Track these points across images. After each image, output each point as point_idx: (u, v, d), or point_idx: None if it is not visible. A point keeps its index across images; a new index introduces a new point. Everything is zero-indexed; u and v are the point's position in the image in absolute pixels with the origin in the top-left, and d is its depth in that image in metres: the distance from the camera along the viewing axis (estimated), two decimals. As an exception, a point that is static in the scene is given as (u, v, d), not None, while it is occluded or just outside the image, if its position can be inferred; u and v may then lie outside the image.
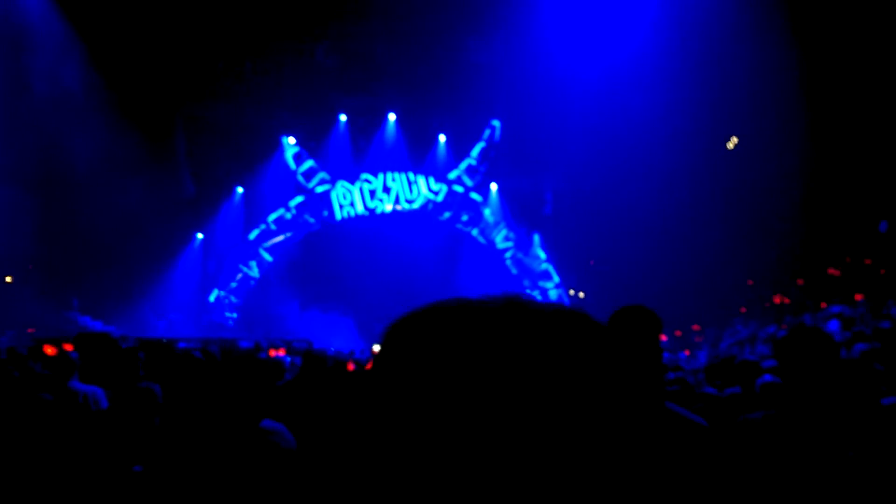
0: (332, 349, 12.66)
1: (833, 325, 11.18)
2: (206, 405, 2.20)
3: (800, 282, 17.22)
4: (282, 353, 10.37)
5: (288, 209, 19.81)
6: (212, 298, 19.39)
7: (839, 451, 1.98)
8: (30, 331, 14.18)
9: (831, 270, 16.52)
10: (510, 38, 18.14)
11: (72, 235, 18.48)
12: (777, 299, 17.37)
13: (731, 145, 19.51)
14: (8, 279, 18.00)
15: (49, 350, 5.78)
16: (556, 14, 17.00)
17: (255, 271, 19.72)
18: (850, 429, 2.05)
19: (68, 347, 5.74)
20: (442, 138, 19.65)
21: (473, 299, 0.52)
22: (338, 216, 19.75)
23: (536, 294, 18.77)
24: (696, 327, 17.54)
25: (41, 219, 17.18)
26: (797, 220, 16.91)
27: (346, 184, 19.66)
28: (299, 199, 19.85)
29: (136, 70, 17.27)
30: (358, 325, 18.85)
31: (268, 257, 19.76)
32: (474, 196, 19.45)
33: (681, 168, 17.67)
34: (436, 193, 19.51)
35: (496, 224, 19.31)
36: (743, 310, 17.53)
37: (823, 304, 15.15)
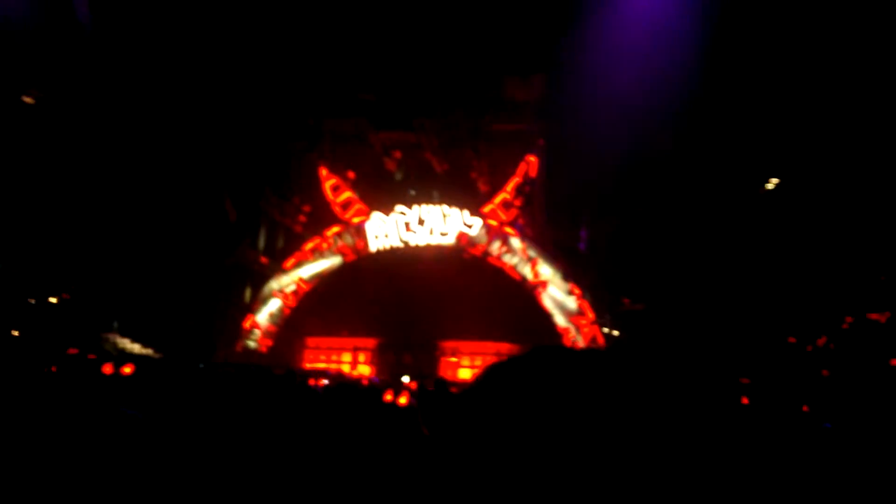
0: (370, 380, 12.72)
1: None
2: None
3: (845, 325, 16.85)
4: (322, 383, 10.45)
5: (324, 238, 20.09)
6: (247, 325, 19.64)
7: None
8: (71, 351, 14.50)
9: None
10: (550, 74, 18.38)
11: (113, 257, 18.97)
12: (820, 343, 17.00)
13: (770, 186, 19.31)
14: (52, 300, 18.46)
15: (107, 369, 5.92)
16: (597, 50, 17.12)
17: (289, 299, 19.96)
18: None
19: (127, 368, 5.89)
20: (477, 172, 19.80)
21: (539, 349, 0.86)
22: (373, 247, 19.95)
23: (571, 329, 18.67)
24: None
25: (83, 240, 17.67)
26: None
27: (382, 215, 19.90)
28: (336, 228, 20.13)
29: (183, 97, 17.81)
30: (389, 355, 18.89)
31: (303, 285, 20.01)
32: (508, 230, 19.51)
33: (715, 207, 17.57)
34: (470, 227, 19.62)
35: (530, 259, 19.30)
36: (778, 351, 17.17)
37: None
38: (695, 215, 18.77)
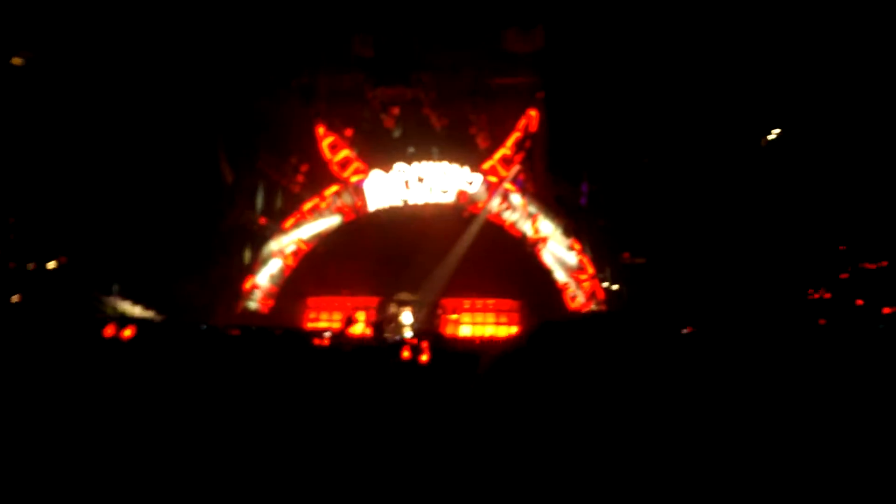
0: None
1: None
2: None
3: (843, 276, 16.87)
4: (326, 342, 10.44)
5: (323, 198, 19.96)
6: (247, 286, 19.64)
7: None
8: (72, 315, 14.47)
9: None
10: (551, 28, 18.06)
11: (111, 221, 18.86)
12: (816, 295, 17.04)
13: (771, 137, 19.13)
14: (51, 265, 18.41)
15: (108, 331, 5.86)
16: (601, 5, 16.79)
17: (289, 259, 19.92)
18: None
19: (128, 330, 5.84)
20: (477, 128, 19.57)
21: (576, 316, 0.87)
22: (371, 206, 19.84)
23: (571, 284, 18.67)
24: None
25: (80, 204, 17.57)
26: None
27: (381, 173, 19.74)
28: (334, 188, 19.99)
29: (175, 58, 17.52)
30: (391, 312, 18.92)
31: (302, 245, 19.95)
32: (508, 186, 19.38)
33: (716, 162, 17.43)
34: (470, 183, 19.49)
35: (530, 215, 19.21)
36: (777, 306, 17.22)
37: (860, 302, 14.84)
38: (696, 168, 18.64)
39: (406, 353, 6.08)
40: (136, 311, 18.19)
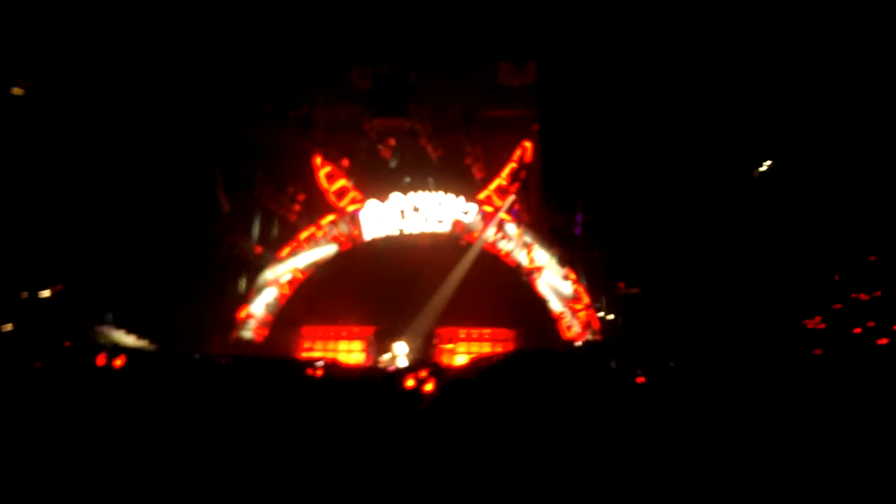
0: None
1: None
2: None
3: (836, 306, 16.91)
4: (319, 374, 10.39)
5: (319, 227, 20.02)
6: (242, 315, 19.59)
7: None
8: (66, 344, 14.42)
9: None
10: (545, 60, 18.33)
11: (106, 249, 18.86)
12: (810, 324, 17.06)
13: (763, 169, 19.30)
14: (45, 293, 18.37)
15: (100, 361, 5.84)
16: (593, 38, 17.04)
17: (285, 289, 19.90)
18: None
19: (118, 360, 5.82)
20: (472, 159, 19.71)
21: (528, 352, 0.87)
22: (368, 235, 19.89)
23: (566, 314, 18.66)
24: None
25: (75, 232, 17.57)
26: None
27: (377, 203, 19.83)
28: (330, 217, 20.06)
29: (174, 86, 17.67)
30: (386, 342, 18.87)
31: (298, 275, 19.95)
32: (503, 216, 19.47)
33: (710, 193, 17.56)
34: (465, 213, 19.58)
35: (526, 244, 19.28)
36: (773, 334, 17.24)
37: (857, 330, 14.86)
38: (690, 199, 18.77)
39: (410, 383, 6.02)
40: (130, 340, 18.11)
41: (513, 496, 0.73)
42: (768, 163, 19.02)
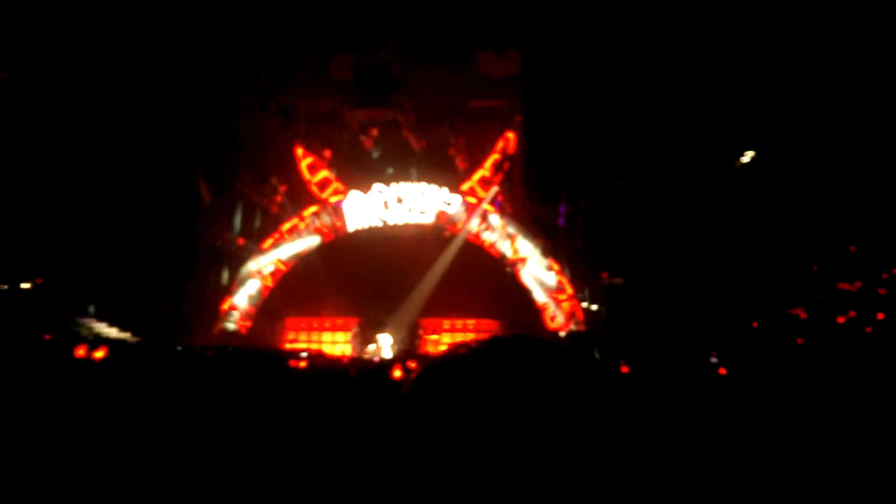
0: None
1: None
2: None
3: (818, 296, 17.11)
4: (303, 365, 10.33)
5: (301, 219, 19.93)
6: (225, 307, 19.49)
7: None
8: (47, 337, 14.29)
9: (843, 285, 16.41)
10: (528, 50, 18.32)
11: (87, 241, 18.67)
12: (793, 313, 17.25)
13: (745, 159, 19.43)
14: (25, 285, 18.16)
15: (79, 352, 5.77)
16: (576, 26, 17.06)
17: (268, 280, 19.82)
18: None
19: (99, 352, 5.76)
20: (455, 149, 19.70)
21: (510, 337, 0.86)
22: (351, 226, 19.84)
23: (550, 304, 18.74)
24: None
25: (56, 224, 17.39)
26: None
27: (360, 194, 19.76)
28: (313, 208, 19.97)
29: (153, 78, 17.49)
30: (370, 333, 18.87)
31: (281, 266, 19.86)
32: (487, 207, 19.49)
33: (696, 180, 17.67)
34: (449, 204, 19.57)
35: (509, 235, 19.32)
36: (755, 325, 17.42)
37: (841, 319, 15.06)
38: (673, 189, 18.87)
39: (398, 373, 5.99)
40: (112, 332, 17.96)
41: (491, 489, 0.71)
42: (751, 153, 19.16)
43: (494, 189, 19.52)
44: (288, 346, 18.83)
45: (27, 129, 16.85)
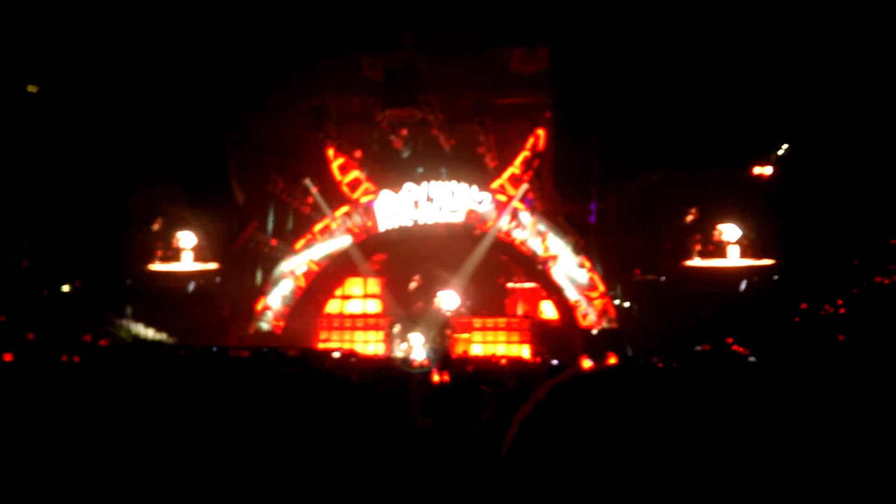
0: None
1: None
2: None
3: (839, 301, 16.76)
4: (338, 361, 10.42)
5: (333, 219, 20.06)
6: (259, 307, 19.71)
7: None
8: (85, 338, 14.61)
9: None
10: (557, 46, 18.24)
11: (124, 245, 19.04)
12: (831, 310, 16.90)
13: (780, 153, 19.10)
14: (65, 288, 18.58)
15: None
16: (605, 21, 16.92)
17: (300, 280, 19.99)
18: None
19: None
20: (485, 147, 19.64)
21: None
22: (382, 226, 19.91)
23: (582, 302, 18.60)
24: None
25: (93, 228, 17.75)
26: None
27: (391, 194, 19.82)
28: (344, 208, 20.09)
29: (186, 82, 17.75)
30: (401, 334, 18.96)
31: (314, 266, 20.02)
32: (517, 205, 19.40)
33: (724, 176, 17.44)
34: (479, 203, 19.52)
35: (540, 233, 19.21)
36: (797, 319, 17.10)
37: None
38: (707, 185, 18.63)
39: (436, 378, 5.82)
40: (149, 333, 18.29)
41: None
42: (786, 146, 18.84)
43: (525, 186, 19.43)
44: (321, 345, 18.98)
45: (62, 135, 17.22)
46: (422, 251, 19.86)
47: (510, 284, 20.14)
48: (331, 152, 20.14)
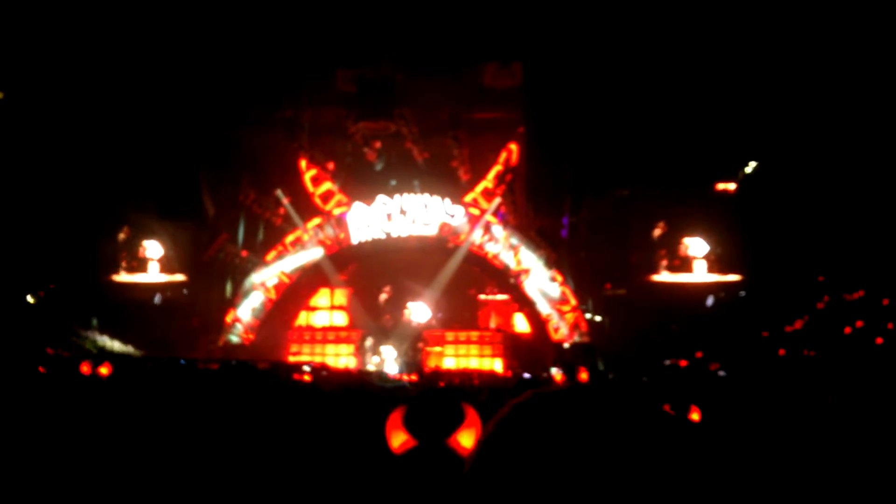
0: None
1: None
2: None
3: (819, 306, 17.06)
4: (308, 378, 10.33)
5: (305, 230, 19.94)
6: (228, 319, 19.48)
7: None
8: (49, 350, 14.30)
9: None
10: (531, 62, 18.42)
11: (91, 255, 18.72)
12: (789, 328, 17.16)
13: (748, 171, 19.44)
14: (29, 299, 18.19)
15: (84, 368, 5.72)
16: (578, 37, 17.13)
17: (271, 293, 19.81)
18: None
19: (104, 368, 5.73)
20: (458, 161, 19.71)
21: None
22: (354, 238, 19.83)
23: (554, 315, 18.69)
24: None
25: (60, 237, 17.45)
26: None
27: (363, 206, 19.77)
28: (317, 220, 19.98)
29: (156, 91, 17.59)
30: (373, 347, 18.85)
31: (284, 279, 19.86)
32: (490, 219, 19.48)
33: (694, 192, 17.70)
34: (452, 216, 19.56)
35: (512, 246, 19.29)
36: (765, 334, 17.35)
37: (847, 330, 15.00)
38: (675, 201, 18.88)
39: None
40: (115, 345, 17.96)
41: None
42: (753, 164, 19.18)
43: (497, 200, 19.51)
44: (291, 358, 18.80)
45: (30, 141, 16.95)
46: (393, 263, 19.82)
47: (482, 296, 20.11)
48: (303, 163, 20.05)
